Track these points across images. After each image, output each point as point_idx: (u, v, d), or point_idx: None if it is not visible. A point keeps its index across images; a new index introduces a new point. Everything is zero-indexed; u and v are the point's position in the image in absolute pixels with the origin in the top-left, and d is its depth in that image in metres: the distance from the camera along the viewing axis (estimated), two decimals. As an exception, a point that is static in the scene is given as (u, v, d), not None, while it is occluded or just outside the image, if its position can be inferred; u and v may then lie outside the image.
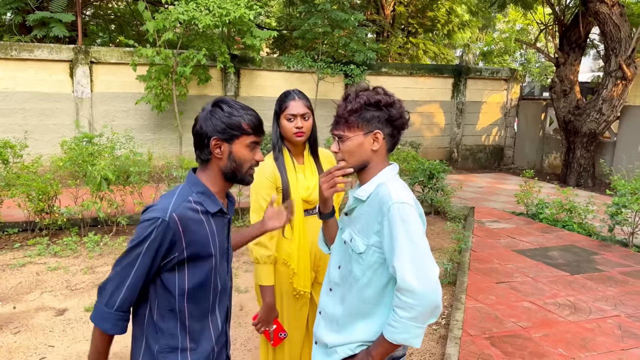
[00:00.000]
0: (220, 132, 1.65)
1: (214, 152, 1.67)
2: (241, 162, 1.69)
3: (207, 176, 1.71)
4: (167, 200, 1.62)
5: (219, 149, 1.67)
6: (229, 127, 1.65)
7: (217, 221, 1.71)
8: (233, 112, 1.66)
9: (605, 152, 11.09)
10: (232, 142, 1.66)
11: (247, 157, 1.70)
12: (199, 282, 1.67)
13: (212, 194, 1.69)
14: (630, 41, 9.79)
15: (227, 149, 1.67)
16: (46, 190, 5.87)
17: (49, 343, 3.70)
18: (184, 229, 1.59)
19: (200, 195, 1.67)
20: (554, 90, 11.30)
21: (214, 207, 1.68)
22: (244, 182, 1.74)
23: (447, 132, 13.08)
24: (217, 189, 1.72)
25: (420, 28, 17.06)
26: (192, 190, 1.68)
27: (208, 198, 1.68)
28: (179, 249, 1.59)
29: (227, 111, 1.66)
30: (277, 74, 11.17)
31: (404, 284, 1.60)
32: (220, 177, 1.71)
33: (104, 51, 9.92)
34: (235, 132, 1.66)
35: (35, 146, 8.96)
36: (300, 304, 2.56)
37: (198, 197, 1.67)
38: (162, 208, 1.59)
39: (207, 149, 1.67)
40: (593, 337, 3.81)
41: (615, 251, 6.04)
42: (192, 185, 1.69)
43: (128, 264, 1.57)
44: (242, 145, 1.68)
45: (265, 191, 2.43)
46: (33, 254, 5.50)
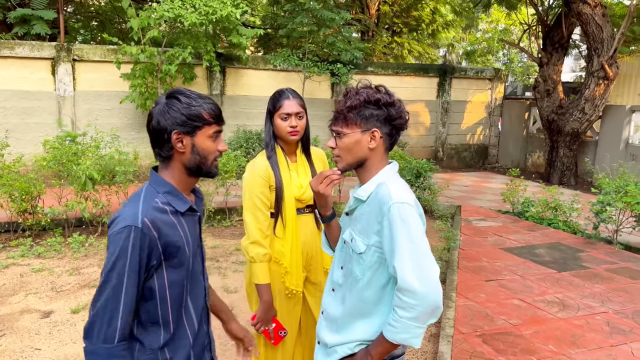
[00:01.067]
0: (181, 124, 1.55)
1: (176, 146, 1.57)
2: (205, 154, 1.61)
3: (171, 174, 1.62)
4: (134, 205, 1.52)
5: (181, 143, 1.57)
6: (190, 118, 1.55)
7: (188, 220, 1.64)
8: (191, 102, 1.57)
9: (588, 151, 11.25)
10: (195, 134, 1.57)
11: (211, 148, 1.61)
12: (176, 286, 1.59)
13: (179, 193, 1.61)
14: (612, 41, 9.94)
15: (189, 142, 1.57)
16: (29, 190, 5.76)
17: (35, 346, 3.62)
18: (158, 233, 1.51)
19: (167, 195, 1.59)
20: (538, 90, 11.44)
21: (183, 206, 1.61)
22: (210, 175, 1.66)
23: (432, 131, 13.16)
24: (183, 186, 1.64)
25: (404, 27, 17.12)
26: (158, 190, 1.59)
27: (176, 197, 1.60)
28: (156, 254, 1.51)
29: (185, 102, 1.56)
30: (263, 72, 11.12)
31: (404, 284, 1.59)
32: (184, 173, 1.62)
33: (86, 49, 9.77)
34: (197, 122, 1.57)
35: (16, 145, 8.78)
36: (292, 303, 2.55)
37: (165, 197, 1.58)
38: (131, 215, 1.49)
39: (168, 145, 1.57)
40: (582, 334, 3.85)
41: (600, 248, 6.12)
42: (157, 185, 1.60)
43: (114, 288, 1.45)
44: (205, 136, 1.59)
45: (259, 189, 2.41)
46: (16, 255, 5.38)
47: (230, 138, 10.51)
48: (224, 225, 6.91)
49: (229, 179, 6.78)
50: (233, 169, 6.81)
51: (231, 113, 10.85)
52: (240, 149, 9.53)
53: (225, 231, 6.70)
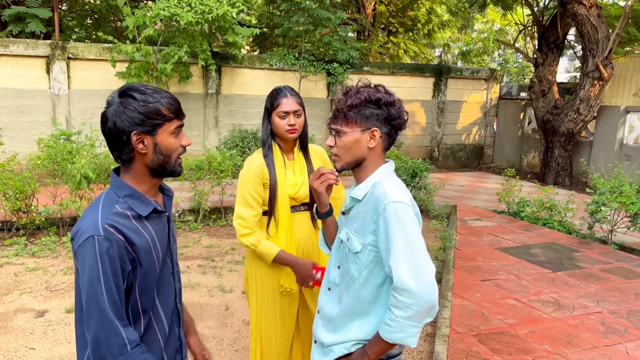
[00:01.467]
0: (140, 124, 1.45)
1: (137, 148, 1.47)
2: (169, 152, 1.51)
3: (132, 176, 1.53)
4: (93, 214, 1.44)
5: (142, 144, 1.47)
6: (148, 116, 1.45)
7: (155, 222, 1.56)
8: (147, 98, 1.46)
9: (583, 151, 11.29)
10: (156, 133, 1.48)
11: (174, 145, 1.52)
12: (145, 291, 1.53)
13: (141, 195, 1.52)
14: (607, 42, 9.98)
15: (151, 141, 1.48)
16: (23, 189, 5.72)
17: (29, 345, 3.59)
18: (124, 237, 1.43)
19: (127, 199, 1.49)
20: (533, 90, 11.47)
21: (145, 209, 1.51)
22: (174, 174, 1.57)
23: (428, 131, 13.17)
24: (146, 187, 1.55)
25: (400, 27, 17.14)
26: (118, 195, 1.50)
27: (137, 200, 1.51)
28: (129, 257, 1.44)
29: (140, 99, 1.45)
30: (259, 71, 11.10)
31: (400, 284, 1.59)
32: (146, 174, 1.53)
33: (82, 47, 9.72)
34: (157, 120, 1.47)
35: (10, 144, 8.74)
36: (288, 300, 2.54)
37: (126, 202, 1.49)
38: (92, 224, 1.41)
39: (129, 147, 1.47)
40: (578, 334, 3.86)
41: (595, 248, 6.15)
42: (118, 189, 1.51)
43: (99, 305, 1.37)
44: (166, 134, 1.50)
45: (252, 186, 2.44)
46: (10, 255, 5.35)
47: (226, 137, 10.48)
48: (220, 224, 6.89)
49: (225, 178, 6.76)
50: (229, 168, 6.80)
51: (227, 112, 10.83)
52: (235, 148, 9.51)
53: (221, 230, 6.68)
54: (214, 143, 10.61)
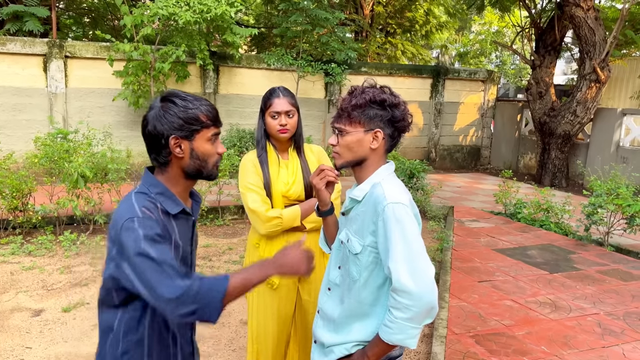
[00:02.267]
0: (178, 129, 1.50)
1: (174, 152, 1.52)
2: (205, 157, 1.56)
3: (167, 177, 1.58)
4: (127, 203, 1.49)
5: (180, 148, 1.52)
6: (187, 122, 1.51)
7: (180, 223, 1.59)
8: (188, 104, 1.52)
9: (579, 153, 11.33)
10: (193, 138, 1.53)
11: (210, 151, 1.57)
12: None
13: (172, 195, 1.56)
14: (604, 45, 10.02)
15: (188, 146, 1.53)
16: (20, 187, 5.71)
17: (26, 345, 3.58)
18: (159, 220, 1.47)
19: (159, 196, 1.54)
20: (530, 92, 11.50)
21: (174, 208, 1.55)
22: (211, 178, 1.62)
23: (425, 132, 13.19)
24: (179, 189, 1.59)
25: (398, 28, 17.16)
26: (150, 191, 1.54)
27: (168, 199, 1.55)
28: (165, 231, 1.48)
29: (181, 105, 1.51)
30: (257, 71, 11.09)
31: (399, 285, 1.59)
32: (181, 176, 1.58)
33: (79, 45, 9.69)
34: (195, 126, 1.52)
35: (6, 142, 8.71)
36: (285, 301, 2.53)
37: (157, 198, 1.53)
38: (128, 210, 1.46)
39: (166, 150, 1.52)
40: (574, 335, 3.87)
41: (592, 250, 6.16)
42: (150, 186, 1.55)
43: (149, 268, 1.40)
44: (203, 140, 1.55)
45: (252, 176, 2.48)
46: (6, 253, 5.32)
47: (223, 137, 10.47)
48: (217, 224, 6.88)
49: (222, 178, 6.76)
50: (226, 167, 6.79)
51: (225, 112, 10.81)
52: (233, 147, 9.50)
53: (218, 230, 6.67)
54: (211, 143, 10.58)
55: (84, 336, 3.73)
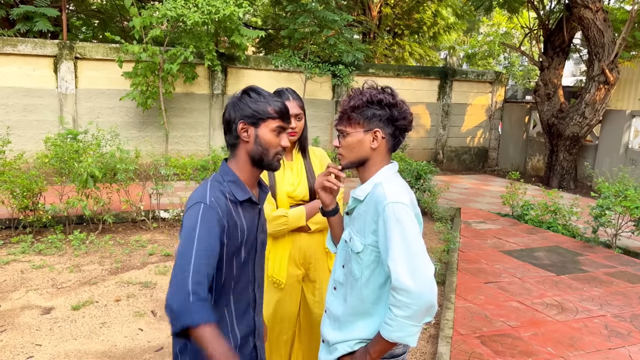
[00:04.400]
0: (248, 116, 1.70)
1: (241, 135, 1.71)
2: (267, 146, 1.72)
3: (236, 163, 1.76)
4: (203, 189, 1.68)
5: (246, 133, 1.71)
6: (255, 110, 1.70)
7: (247, 210, 1.74)
8: (260, 98, 1.72)
9: (588, 155, 11.28)
10: (258, 126, 1.71)
11: (273, 141, 1.73)
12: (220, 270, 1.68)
13: (241, 183, 1.73)
14: (613, 46, 9.97)
15: (253, 132, 1.71)
16: (31, 187, 5.77)
17: (36, 342, 3.63)
18: (223, 214, 1.64)
19: (230, 184, 1.72)
20: (538, 94, 11.46)
21: (242, 196, 1.72)
22: (271, 168, 1.77)
23: (432, 134, 13.18)
24: (247, 176, 1.76)
25: (406, 30, 17.15)
26: (224, 179, 1.73)
27: (238, 187, 1.72)
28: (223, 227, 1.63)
29: (254, 97, 1.72)
30: (265, 73, 11.13)
31: (398, 283, 1.61)
32: (248, 162, 1.74)
33: (89, 47, 9.78)
34: (261, 115, 1.70)
35: (17, 142, 8.80)
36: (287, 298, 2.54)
37: (228, 186, 1.72)
38: (201, 195, 1.65)
39: (235, 133, 1.72)
40: (581, 337, 3.87)
41: (599, 252, 6.14)
42: (224, 174, 1.75)
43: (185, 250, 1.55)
44: (267, 129, 1.71)
45: None
46: (17, 252, 5.39)
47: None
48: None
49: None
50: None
51: (232, 113, 10.84)
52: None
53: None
54: (219, 143, 10.65)
55: (93, 334, 3.78)
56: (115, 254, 5.52)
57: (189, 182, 6.85)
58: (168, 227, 6.63)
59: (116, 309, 4.21)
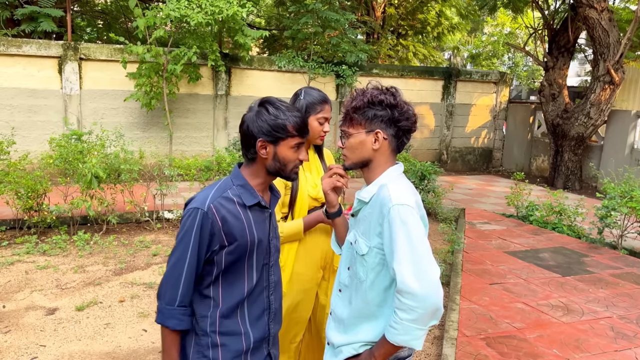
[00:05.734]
0: (266, 134, 1.68)
1: (260, 152, 1.70)
2: (285, 162, 1.72)
3: (250, 170, 1.76)
4: (208, 191, 1.69)
5: (265, 150, 1.70)
6: (275, 129, 1.68)
7: (256, 214, 1.74)
8: (279, 114, 1.69)
9: (593, 155, 11.22)
10: (278, 144, 1.70)
11: (291, 157, 1.73)
12: (232, 274, 1.71)
13: (251, 188, 1.73)
14: (618, 46, 9.92)
15: (272, 150, 1.70)
16: (35, 187, 5.78)
17: (40, 342, 3.63)
18: (222, 220, 1.65)
19: (239, 188, 1.72)
20: (543, 94, 11.41)
21: (251, 200, 1.72)
22: (289, 179, 1.78)
23: (436, 134, 13.15)
24: (259, 182, 1.76)
25: (410, 30, 17.13)
26: (233, 183, 1.74)
27: (247, 191, 1.72)
28: (219, 238, 1.65)
29: (273, 113, 1.69)
30: (269, 73, 11.13)
31: (404, 286, 1.59)
32: (264, 172, 1.75)
33: (93, 48, 9.80)
34: (281, 134, 1.69)
35: (22, 143, 8.83)
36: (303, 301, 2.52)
37: (237, 190, 1.72)
38: (202, 199, 1.66)
39: (253, 149, 1.71)
40: (586, 338, 3.84)
41: (605, 253, 6.11)
42: (234, 177, 1.75)
43: (179, 259, 1.64)
44: (287, 147, 1.71)
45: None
46: (22, 253, 5.40)
47: (235, 138, 10.54)
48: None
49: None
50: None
51: (236, 114, 10.87)
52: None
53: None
54: (223, 144, 10.65)
55: (97, 335, 3.78)
56: (119, 255, 5.52)
57: (193, 182, 6.85)
58: (172, 227, 6.63)
59: (120, 310, 4.21)
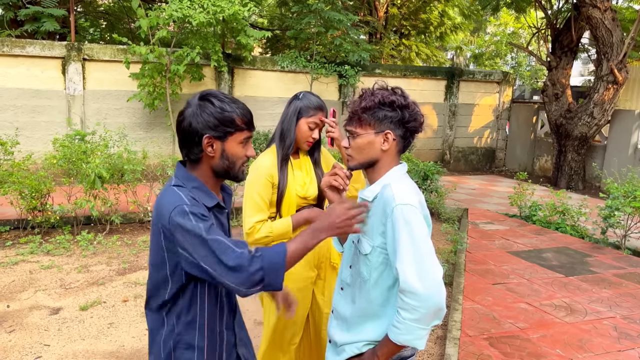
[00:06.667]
0: (213, 129, 1.55)
1: (206, 150, 1.57)
2: (234, 159, 1.61)
3: (198, 173, 1.63)
4: (172, 194, 1.56)
5: (212, 147, 1.57)
6: (222, 123, 1.55)
7: (216, 216, 1.66)
8: (225, 106, 1.56)
9: (596, 155, 11.20)
10: (226, 140, 1.58)
11: (239, 154, 1.62)
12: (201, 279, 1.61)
13: (207, 189, 1.62)
14: (621, 46, 9.90)
15: (220, 146, 1.58)
16: (39, 187, 5.80)
17: (44, 342, 3.65)
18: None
19: (194, 190, 1.59)
20: (546, 94, 11.40)
21: (210, 202, 1.61)
22: (237, 180, 1.67)
23: (439, 134, 13.14)
24: (210, 185, 1.65)
25: (413, 30, 17.10)
26: (185, 185, 1.60)
27: (203, 193, 1.61)
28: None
29: (218, 106, 1.56)
30: (271, 73, 11.14)
31: (406, 286, 1.60)
32: (211, 174, 1.63)
33: (97, 48, 9.83)
34: (229, 128, 1.57)
35: (26, 143, 8.86)
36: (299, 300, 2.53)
37: (193, 192, 1.58)
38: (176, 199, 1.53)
39: (199, 147, 1.57)
40: (590, 338, 3.83)
41: (608, 253, 6.09)
42: (185, 180, 1.61)
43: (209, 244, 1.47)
44: (235, 142, 1.60)
45: (261, 187, 2.40)
46: (25, 252, 5.42)
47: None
48: (232, 225, 6.92)
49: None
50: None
51: (239, 113, 10.86)
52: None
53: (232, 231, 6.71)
54: (225, 144, 10.65)
55: (100, 334, 3.79)
56: (122, 255, 5.54)
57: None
58: (175, 227, 6.64)
59: (124, 310, 4.23)
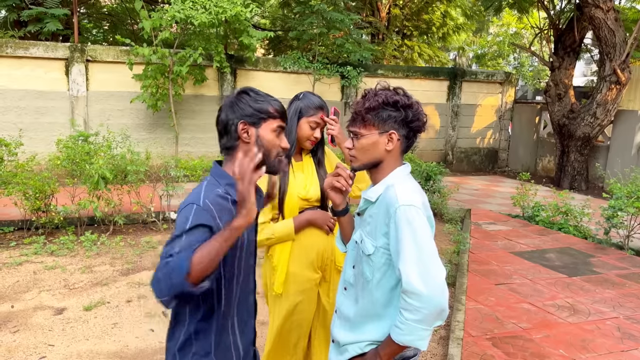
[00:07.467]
0: (248, 115, 1.65)
1: (242, 136, 1.65)
2: (269, 146, 1.67)
3: (233, 166, 1.67)
4: (197, 192, 1.60)
5: (247, 133, 1.65)
6: (256, 110, 1.65)
7: None
8: (259, 97, 1.68)
9: (599, 155, 11.18)
10: (259, 126, 1.66)
11: (273, 141, 1.68)
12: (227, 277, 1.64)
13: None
14: (624, 46, 9.88)
15: (254, 132, 1.65)
16: (43, 188, 5.82)
17: (48, 342, 3.66)
18: (219, 215, 1.55)
19: (227, 187, 1.64)
20: (549, 94, 11.38)
21: None
22: (274, 170, 1.70)
23: (442, 135, 13.13)
24: None
25: (415, 31, 17.11)
26: (219, 182, 1.65)
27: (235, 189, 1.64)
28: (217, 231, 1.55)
29: (253, 97, 1.68)
30: (274, 74, 11.16)
31: (409, 287, 1.60)
32: None
33: (100, 49, 9.86)
34: (263, 114, 1.66)
35: (29, 144, 8.88)
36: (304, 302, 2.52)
37: (226, 188, 1.63)
38: (195, 197, 1.56)
39: (234, 134, 1.65)
40: (593, 339, 3.83)
41: (611, 254, 6.09)
42: (219, 177, 1.67)
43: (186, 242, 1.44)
44: (268, 130, 1.67)
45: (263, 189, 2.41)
46: (30, 253, 5.44)
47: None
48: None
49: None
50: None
51: (241, 114, 10.88)
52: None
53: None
54: (228, 145, 10.67)
55: (104, 334, 3.81)
56: (126, 255, 5.56)
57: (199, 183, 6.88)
58: (178, 228, 6.66)
59: (128, 310, 4.24)
